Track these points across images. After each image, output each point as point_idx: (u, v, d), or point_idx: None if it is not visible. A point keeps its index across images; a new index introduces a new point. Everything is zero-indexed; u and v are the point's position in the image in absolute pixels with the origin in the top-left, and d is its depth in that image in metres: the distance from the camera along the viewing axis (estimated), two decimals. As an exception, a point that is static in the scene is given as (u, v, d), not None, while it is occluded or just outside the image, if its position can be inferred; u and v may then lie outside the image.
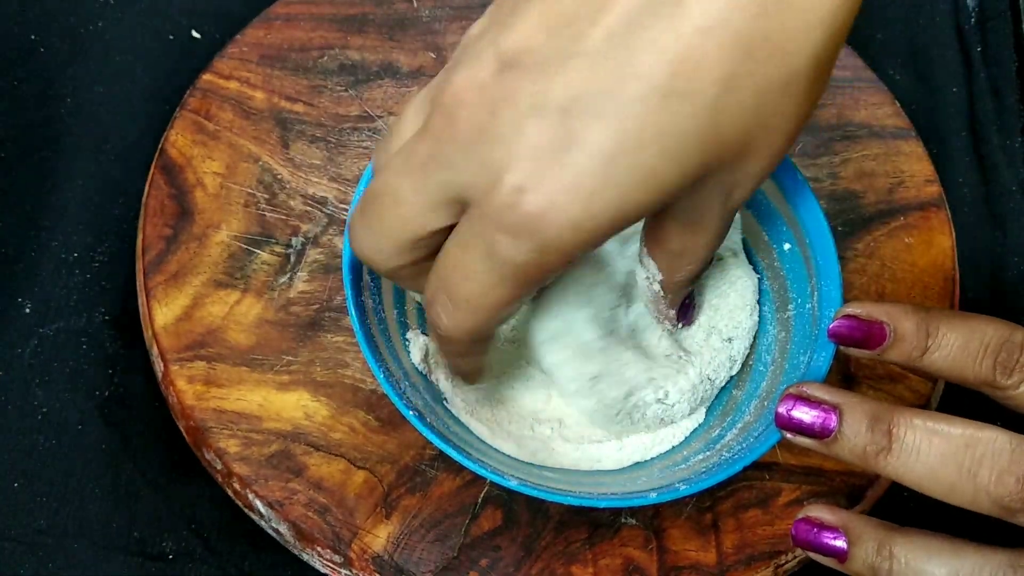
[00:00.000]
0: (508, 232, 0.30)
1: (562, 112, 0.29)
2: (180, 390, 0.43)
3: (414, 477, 0.42)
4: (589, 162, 0.29)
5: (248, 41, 0.51)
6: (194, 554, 0.43)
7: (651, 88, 0.29)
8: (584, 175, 0.29)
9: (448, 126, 0.31)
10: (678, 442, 0.42)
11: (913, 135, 0.52)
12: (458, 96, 0.31)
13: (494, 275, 0.32)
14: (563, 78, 0.29)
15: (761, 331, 0.43)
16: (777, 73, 0.30)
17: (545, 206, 0.30)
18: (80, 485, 0.44)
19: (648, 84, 0.29)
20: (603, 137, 0.29)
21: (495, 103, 0.30)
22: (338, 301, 0.46)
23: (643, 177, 0.30)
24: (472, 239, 0.32)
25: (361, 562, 0.41)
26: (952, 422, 0.33)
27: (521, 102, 0.30)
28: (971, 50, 0.59)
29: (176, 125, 0.49)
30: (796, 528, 0.36)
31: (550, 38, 0.30)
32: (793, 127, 0.31)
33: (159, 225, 0.46)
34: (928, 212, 0.50)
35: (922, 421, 0.33)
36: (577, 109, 0.29)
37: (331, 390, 0.44)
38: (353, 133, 0.50)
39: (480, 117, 0.30)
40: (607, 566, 0.41)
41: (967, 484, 0.32)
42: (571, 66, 0.29)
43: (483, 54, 0.31)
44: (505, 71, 0.30)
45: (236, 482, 0.42)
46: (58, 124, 0.52)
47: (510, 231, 0.30)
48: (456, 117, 0.31)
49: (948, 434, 0.33)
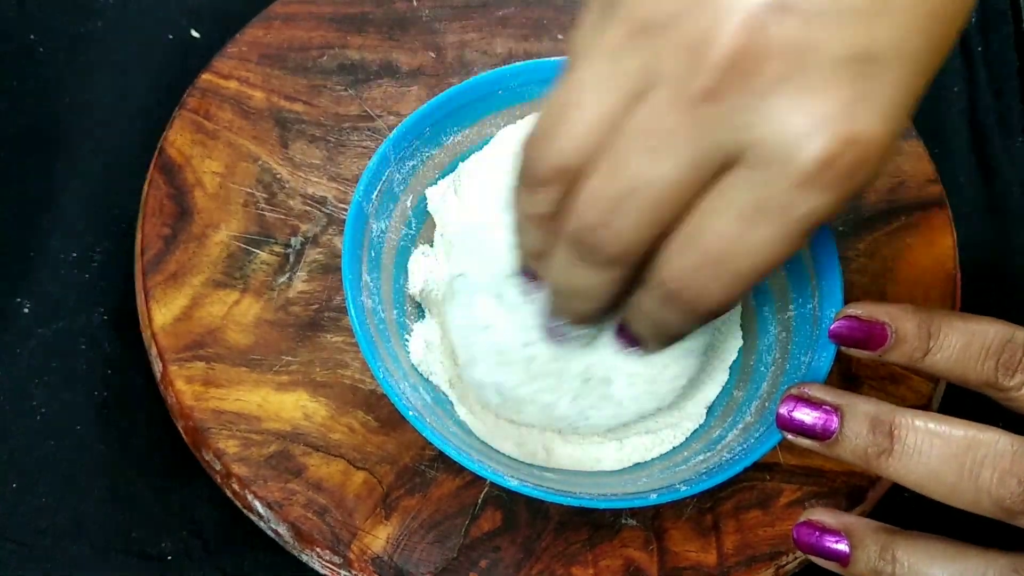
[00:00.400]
0: (825, 188, 0.28)
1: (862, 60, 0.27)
2: (179, 390, 0.43)
3: (413, 478, 0.42)
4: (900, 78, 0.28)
5: (247, 41, 0.51)
6: (193, 555, 0.43)
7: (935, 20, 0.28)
8: (896, 96, 0.28)
9: (738, 74, 0.27)
10: (679, 443, 0.42)
11: (914, 135, 0.52)
12: (752, 42, 0.27)
13: (790, 237, 0.29)
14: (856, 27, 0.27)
15: (762, 332, 0.43)
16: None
17: (870, 145, 0.28)
18: (78, 485, 0.44)
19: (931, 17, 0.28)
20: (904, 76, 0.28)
21: (802, 52, 0.27)
22: (337, 301, 0.45)
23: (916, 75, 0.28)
24: (764, 205, 0.28)
25: (360, 563, 0.41)
26: (953, 423, 0.33)
27: (823, 50, 0.27)
28: (972, 50, 0.59)
29: (175, 125, 0.49)
30: (798, 532, 0.35)
31: None
32: None
33: (158, 225, 0.46)
34: (929, 212, 0.50)
35: (923, 422, 0.33)
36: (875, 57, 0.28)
37: (330, 390, 0.44)
38: (353, 133, 0.50)
39: (777, 68, 0.27)
40: (607, 567, 0.41)
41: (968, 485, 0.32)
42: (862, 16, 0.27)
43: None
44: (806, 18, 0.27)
45: (235, 483, 0.42)
46: (57, 123, 0.52)
47: (825, 186, 0.28)
48: (747, 65, 0.27)
49: (949, 435, 0.33)
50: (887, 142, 0.28)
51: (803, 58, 0.27)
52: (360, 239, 0.39)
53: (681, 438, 0.42)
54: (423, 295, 0.42)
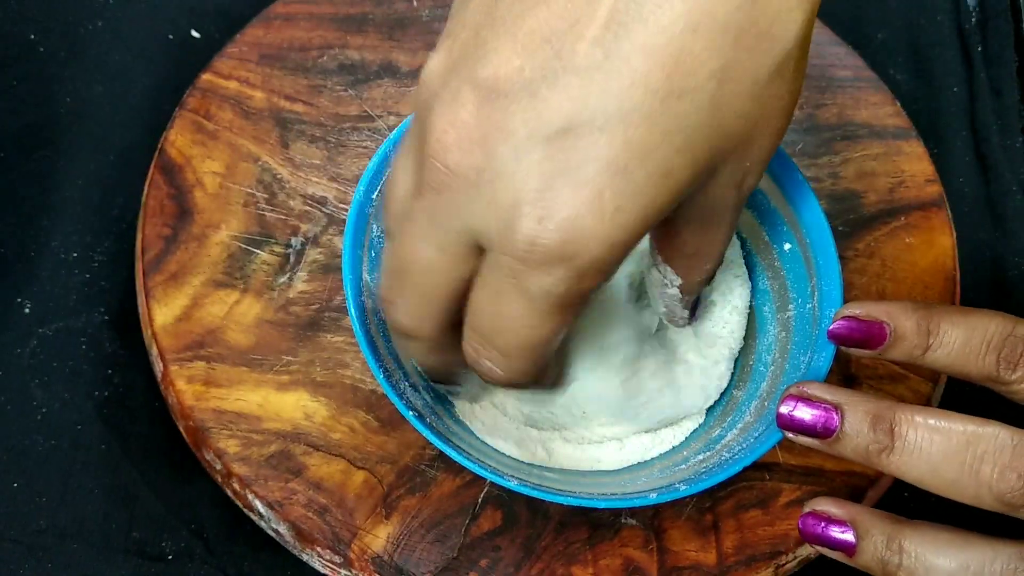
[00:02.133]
0: (539, 267, 0.30)
1: (561, 134, 0.29)
2: (180, 390, 0.43)
3: (414, 477, 0.42)
4: (604, 176, 0.29)
5: (247, 41, 0.51)
6: (193, 554, 0.43)
7: (649, 93, 0.28)
8: (604, 191, 0.29)
9: (442, 177, 0.30)
10: (678, 442, 0.42)
11: (914, 135, 0.52)
12: (444, 142, 0.30)
13: (537, 313, 0.31)
14: (555, 99, 0.29)
15: (761, 331, 0.43)
16: (769, 58, 0.30)
17: (571, 231, 0.29)
18: (79, 485, 0.44)
19: (645, 89, 0.28)
20: (612, 149, 0.29)
21: (486, 139, 0.29)
22: (338, 301, 0.46)
23: (661, 178, 0.29)
24: (503, 284, 0.31)
25: (361, 562, 0.41)
26: (954, 418, 0.33)
27: (516, 131, 0.29)
28: (972, 50, 0.59)
29: (175, 125, 0.49)
30: (803, 522, 0.35)
31: (531, 59, 0.29)
32: (791, 105, 0.32)
33: (158, 225, 0.46)
34: (929, 212, 0.50)
35: (924, 418, 0.33)
36: (578, 127, 0.29)
37: (331, 390, 0.44)
38: (353, 133, 0.50)
39: (473, 158, 0.30)
40: (607, 566, 0.41)
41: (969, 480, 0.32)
42: (561, 84, 0.29)
43: (459, 91, 0.30)
44: (489, 103, 0.29)
45: (236, 482, 0.42)
46: (57, 123, 0.52)
47: (541, 265, 0.30)
48: (448, 164, 0.30)
49: (950, 431, 0.33)
50: (595, 216, 0.29)
51: (498, 143, 0.29)
52: (360, 239, 0.40)
53: (681, 438, 0.42)
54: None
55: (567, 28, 0.29)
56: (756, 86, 0.30)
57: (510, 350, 0.33)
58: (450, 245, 0.31)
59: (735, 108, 0.30)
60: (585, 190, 0.29)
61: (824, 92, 0.53)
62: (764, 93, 0.30)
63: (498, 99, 0.29)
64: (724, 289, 0.43)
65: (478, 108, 0.29)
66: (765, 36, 0.29)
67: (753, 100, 0.30)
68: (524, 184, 0.29)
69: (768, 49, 0.29)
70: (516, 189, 0.29)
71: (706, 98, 0.29)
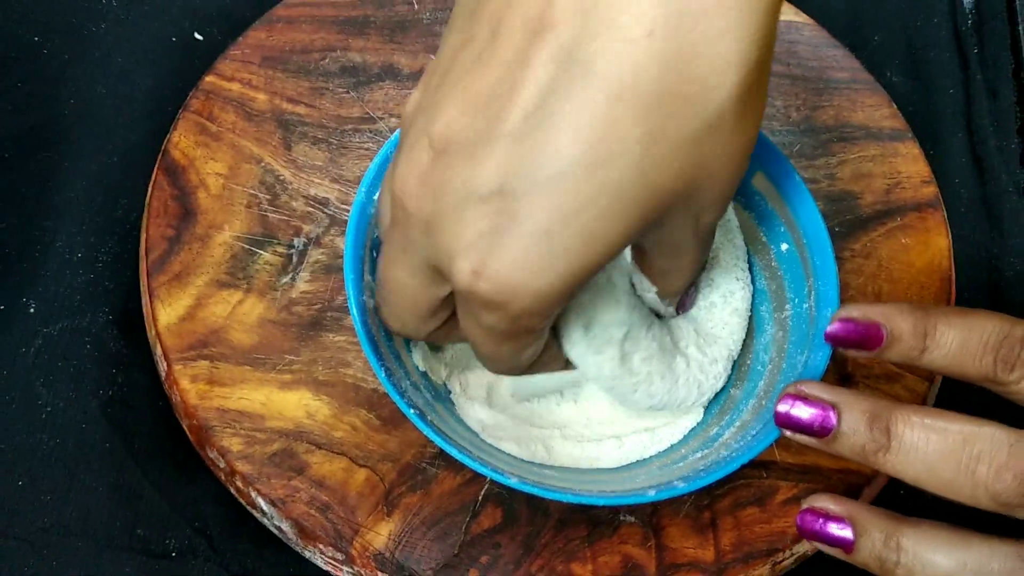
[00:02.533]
0: (481, 307, 0.32)
1: (495, 195, 0.30)
2: (183, 389, 0.43)
3: (415, 475, 0.43)
4: (530, 240, 0.30)
5: (250, 43, 0.52)
6: (197, 552, 0.44)
7: (573, 163, 0.29)
8: (529, 252, 0.30)
9: (404, 216, 0.32)
10: (676, 441, 0.42)
11: (910, 136, 0.52)
12: (404, 187, 0.32)
13: (492, 339, 0.33)
14: (490, 162, 0.30)
15: (758, 331, 0.43)
16: (697, 120, 0.30)
17: (501, 285, 0.31)
18: (83, 484, 0.44)
19: (570, 159, 0.29)
20: (538, 214, 0.30)
21: (435, 191, 0.31)
22: (340, 301, 0.46)
23: (587, 241, 0.30)
24: (462, 310, 0.34)
25: (362, 559, 0.41)
26: (949, 418, 0.33)
27: (457, 189, 0.31)
28: (968, 52, 0.59)
29: (179, 126, 0.49)
30: (801, 518, 0.36)
31: (473, 121, 0.30)
32: (738, 153, 0.32)
33: (162, 226, 0.47)
34: (925, 213, 0.50)
35: (920, 418, 0.33)
36: (508, 191, 0.30)
37: (333, 389, 0.44)
38: (355, 135, 0.50)
39: (425, 206, 0.31)
40: (606, 563, 0.42)
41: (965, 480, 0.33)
42: (495, 149, 0.30)
43: (418, 142, 0.31)
44: (439, 158, 0.31)
45: (239, 480, 0.42)
46: (61, 125, 0.52)
47: (482, 307, 0.32)
48: (407, 207, 0.32)
49: (946, 430, 0.33)
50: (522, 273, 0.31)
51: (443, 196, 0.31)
52: (362, 239, 0.40)
53: (679, 436, 0.42)
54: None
55: (506, 92, 0.30)
56: (685, 146, 0.30)
57: (487, 358, 0.36)
58: (418, 272, 0.34)
59: (665, 169, 0.30)
60: (513, 249, 0.30)
61: (821, 94, 0.53)
62: (697, 151, 0.30)
63: (446, 155, 0.31)
64: (725, 291, 0.43)
65: (432, 161, 0.31)
66: (692, 99, 0.29)
67: (685, 159, 0.30)
68: (462, 238, 0.31)
69: (695, 111, 0.30)
70: (455, 240, 0.31)
71: (632, 163, 0.30)
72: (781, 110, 0.53)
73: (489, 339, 0.34)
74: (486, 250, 0.31)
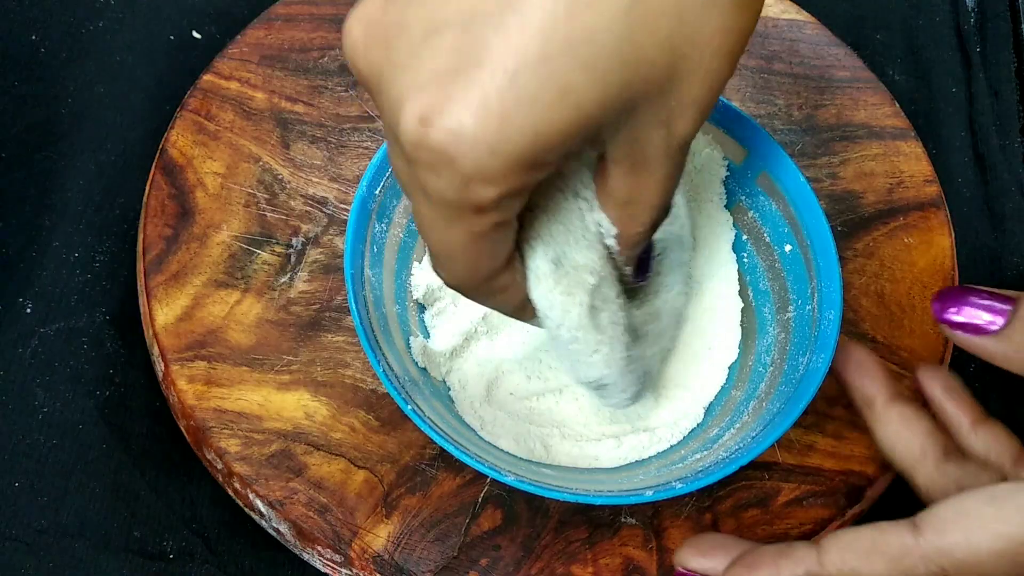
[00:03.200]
0: (428, 169, 0.28)
1: (459, 29, 0.27)
2: (181, 390, 0.43)
3: (414, 477, 0.42)
4: (493, 79, 0.27)
5: (248, 41, 0.51)
6: (194, 553, 0.44)
7: None
8: (489, 95, 0.27)
9: (358, 75, 0.29)
10: (676, 441, 0.42)
11: (912, 135, 0.52)
12: (353, 42, 0.29)
13: (441, 219, 0.30)
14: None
15: (760, 333, 0.43)
16: None
17: (453, 133, 0.27)
18: (80, 485, 0.44)
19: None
20: (506, 50, 0.27)
21: (387, 36, 0.28)
22: (338, 301, 0.46)
23: (558, 93, 0.27)
24: (410, 186, 0.30)
25: (361, 561, 0.41)
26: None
27: (414, 27, 0.27)
28: (970, 51, 0.59)
29: (177, 125, 0.49)
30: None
31: None
32: (726, 44, 0.29)
33: (160, 225, 0.46)
34: (927, 212, 0.50)
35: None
36: (475, 24, 0.27)
37: (331, 390, 0.44)
38: (353, 133, 0.50)
39: (376, 55, 0.28)
40: (607, 565, 0.41)
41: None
42: None
43: None
44: (392, 1, 0.28)
45: (237, 482, 0.42)
46: (59, 124, 0.52)
47: (429, 167, 0.28)
48: (357, 63, 0.29)
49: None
50: (477, 121, 0.27)
51: (397, 40, 0.28)
52: (363, 235, 0.40)
53: (679, 437, 0.42)
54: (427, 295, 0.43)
55: None
56: (679, 8, 0.27)
57: (440, 256, 0.32)
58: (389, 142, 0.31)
59: (654, 31, 0.27)
60: (471, 92, 0.27)
61: (823, 93, 0.53)
62: (690, 20, 0.28)
63: None
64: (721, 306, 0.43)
65: (384, 5, 0.28)
66: None
67: (677, 26, 0.28)
68: (413, 81, 0.27)
69: None
70: (406, 86, 0.28)
71: (619, 13, 0.27)
72: (783, 109, 0.53)
73: (436, 217, 0.30)
74: (439, 92, 0.27)
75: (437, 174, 0.28)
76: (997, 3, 0.60)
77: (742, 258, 0.44)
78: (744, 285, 0.44)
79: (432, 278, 0.43)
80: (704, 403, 0.43)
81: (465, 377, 0.43)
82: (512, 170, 0.28)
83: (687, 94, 0.29)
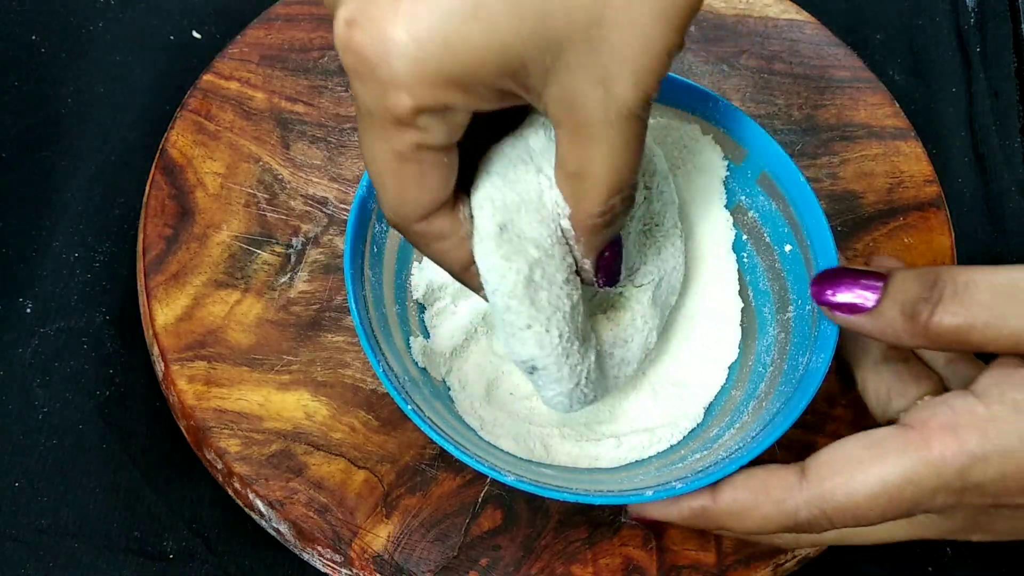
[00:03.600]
0: (355, 75, 0.29)
1: None
2: (181, 390, 0.43)
3: (414, 477, 0.42)
4: None
5: (248, 41, 0.51)
6: (195, 553, 0.44)
7: None
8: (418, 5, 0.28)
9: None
10: (676, 441, 0.42)
11: (912, 135, 0.52)
12: None
13: (367, 132, 0.31)
14: None
15: (760, 332, 0.43)
16: None
17: (371, 36, 0.28)
18: (80, 485, 0.44)
19: None
20: None
21: None
22: (338, 301, 0.46)
23: (472, 7, 0.28)
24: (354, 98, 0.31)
25: (361, 561, 0.41)
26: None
27: None
28: (970, 51, 0.59)
29: (177, 125, 0.49)
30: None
31: None
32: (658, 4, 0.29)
33: (160, 225, 0.46)
34: (927, 212, 0.50)
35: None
36: None
37: (331, 390, 0.44)
38: (353, 133, 0.50)
39: None
40: (607, 565, 0.41)
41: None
42: None
43: None
44: None
45: (237, 482, 0.42)
46: (59, 124, 0.52)
47: (355, 73, 0.29)
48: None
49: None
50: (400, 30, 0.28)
51: None
52: (363, 234, 0.40)
53: (678, 437, 0.42)
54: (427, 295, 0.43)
55: None
56: None
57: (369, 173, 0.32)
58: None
59: None
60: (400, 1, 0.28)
61: (823, 93, 0.53)
62: None
63: None
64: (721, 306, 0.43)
65: None
66: None
67: None
68: None
69: None
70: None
71: None
72: (783, 109, 0.53)
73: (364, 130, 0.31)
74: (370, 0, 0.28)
75: (361, 81, 0.29)
76: (997, 3, 0.60)
77: (742, 258, 0.44)
78: (744, 285, 0.44)
79: (432, 278, 0.43)
80: (704, 403, 0.43)
81: (465, 377, 0.43)
82: (427, 82, 0.29)
83: (620, 51, 0.29)
